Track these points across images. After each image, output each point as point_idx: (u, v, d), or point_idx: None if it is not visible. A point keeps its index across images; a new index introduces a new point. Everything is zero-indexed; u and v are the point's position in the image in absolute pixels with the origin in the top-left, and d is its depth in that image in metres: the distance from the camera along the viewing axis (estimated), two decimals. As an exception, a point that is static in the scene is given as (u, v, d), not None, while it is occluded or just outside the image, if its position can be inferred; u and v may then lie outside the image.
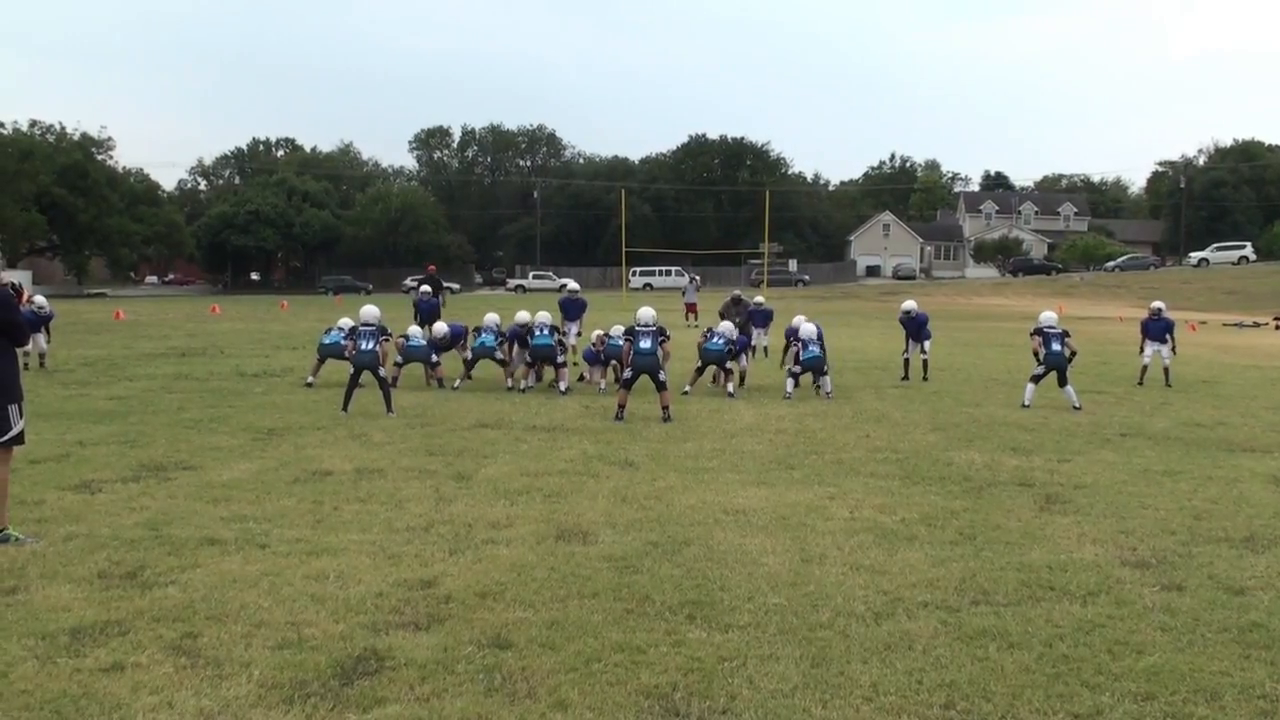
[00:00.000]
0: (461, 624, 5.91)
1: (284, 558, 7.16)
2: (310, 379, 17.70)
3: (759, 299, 24.86)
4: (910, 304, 20.23)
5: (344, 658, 5.37)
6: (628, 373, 14.72)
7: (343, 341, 16.51)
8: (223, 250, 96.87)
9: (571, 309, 22.96)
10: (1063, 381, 15.99)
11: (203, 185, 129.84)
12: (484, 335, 17.64)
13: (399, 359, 17.77)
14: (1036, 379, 16.20)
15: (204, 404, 14.99)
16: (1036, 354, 16.31)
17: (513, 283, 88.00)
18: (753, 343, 22.76)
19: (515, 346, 17.74)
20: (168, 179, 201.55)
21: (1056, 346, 15.94)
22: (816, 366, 17.14)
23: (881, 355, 24.56)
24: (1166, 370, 19.83)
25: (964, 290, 78.68)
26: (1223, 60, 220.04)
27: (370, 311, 14.92)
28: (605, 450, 11.71)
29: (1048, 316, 16.59)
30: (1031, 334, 16.54)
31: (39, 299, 20.67)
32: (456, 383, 17.71)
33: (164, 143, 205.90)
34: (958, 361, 24.34)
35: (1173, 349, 20.07)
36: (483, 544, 7.62)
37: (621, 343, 16.24)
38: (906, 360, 19.98)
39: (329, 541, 7.61)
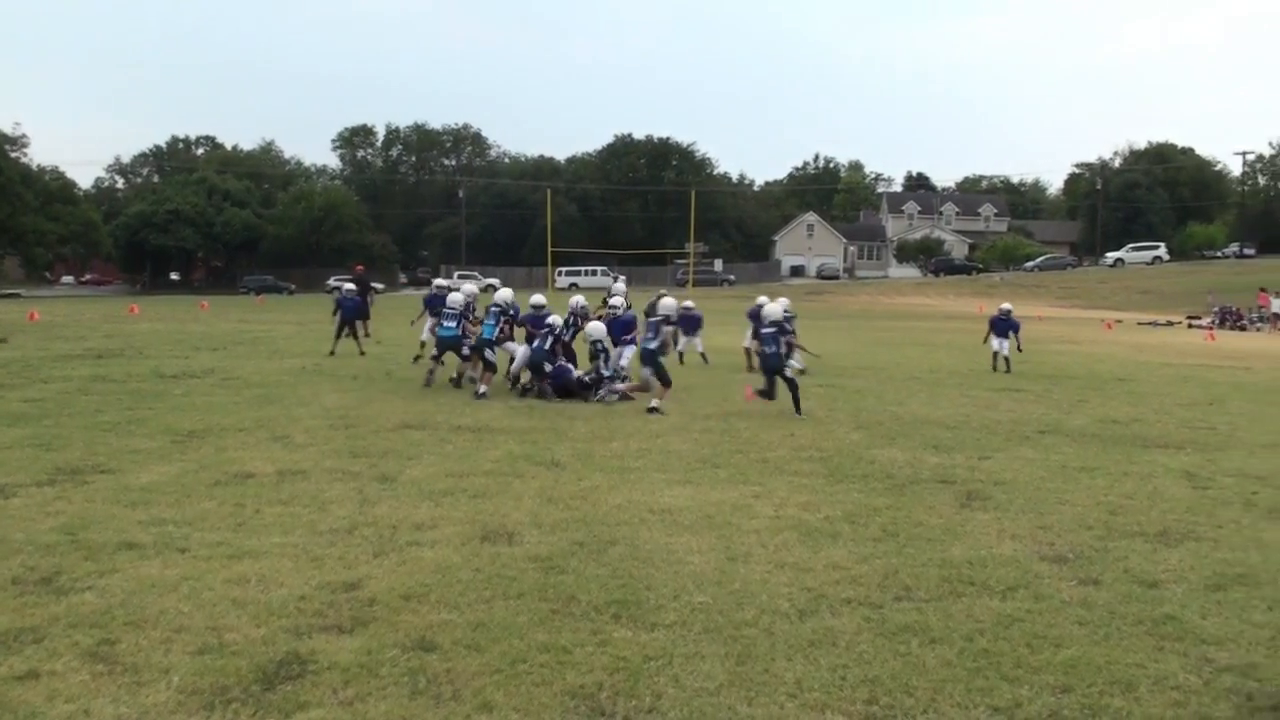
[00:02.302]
0: (386, 626, 5.87)
1: (204, 561, 7.04)
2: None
3: (688, 303, 23.67)
4: (762, 299, 20.12)
5: (266, 662, 5.31)
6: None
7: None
8: (141, 250, 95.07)
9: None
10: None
11: (120, 184, 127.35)
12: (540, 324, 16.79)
13: (435, 351, 17.81)
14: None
15: (122, 406, 14.66)
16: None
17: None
18: (679, 348, 22.81)
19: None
20: (84, 177, 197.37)
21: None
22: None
23: (803, 356, 24.69)
24: (1007, 360, 22.36)
25: (887, 290, 79.77)
26: (1138, 64, 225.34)
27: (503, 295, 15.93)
28: (531, 450, 11.67)
29: (771, 311, 15.91)
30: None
31: None
32: (481, 388, 16.20)
33: (81, 140, 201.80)
34: (880, 360, 24.64)
35: (1018, 347, 22.92)
36: (407, 546, 7.56)
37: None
38: (748, 350, 21.25)
39: (250, 545, 7.49)
